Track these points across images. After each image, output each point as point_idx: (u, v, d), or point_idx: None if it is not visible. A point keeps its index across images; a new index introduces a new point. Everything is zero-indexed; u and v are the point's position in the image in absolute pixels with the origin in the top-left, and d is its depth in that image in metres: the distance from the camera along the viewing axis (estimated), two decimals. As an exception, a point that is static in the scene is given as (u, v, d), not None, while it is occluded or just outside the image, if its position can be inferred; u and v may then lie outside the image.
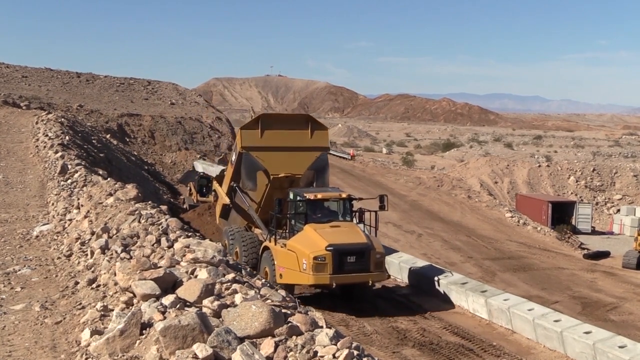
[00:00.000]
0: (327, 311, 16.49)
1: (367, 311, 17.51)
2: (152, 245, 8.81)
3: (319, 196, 18.43)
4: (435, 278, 19.63)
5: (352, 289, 18.34)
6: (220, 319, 5.90)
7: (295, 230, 18.22)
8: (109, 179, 17.41)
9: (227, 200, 21.79)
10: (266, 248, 18.79)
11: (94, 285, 8.18)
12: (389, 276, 19.98)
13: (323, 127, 21.12)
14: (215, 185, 23.64)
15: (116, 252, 8.69)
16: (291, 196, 18.75)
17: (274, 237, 18.39)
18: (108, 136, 47.31)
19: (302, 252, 17.10)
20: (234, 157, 20.91)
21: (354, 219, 18.86)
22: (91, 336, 6.18)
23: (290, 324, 5.87)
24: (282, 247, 17.94)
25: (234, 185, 20.98)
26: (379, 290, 19.62)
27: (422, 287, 20.03)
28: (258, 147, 19.61)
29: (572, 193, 53.15)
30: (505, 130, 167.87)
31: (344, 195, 18.78)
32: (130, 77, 78.00)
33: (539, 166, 57.84)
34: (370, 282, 17.95)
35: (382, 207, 18.93)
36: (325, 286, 17.69)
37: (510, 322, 16.91)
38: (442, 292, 19.21)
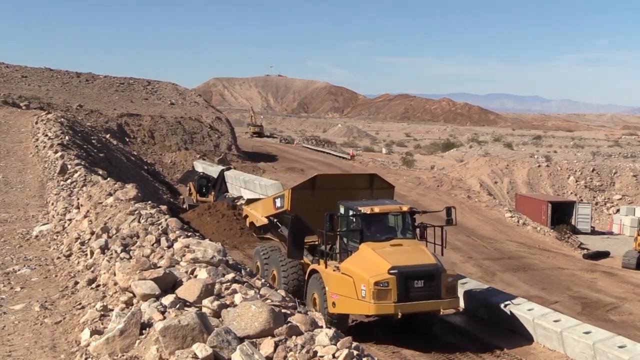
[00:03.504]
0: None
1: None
2: (152, 245, 8.81)
3: (376, 210, 15.86)
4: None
5: (416, 318, 15.74)
6: (220, 319, 5.89)
7: (348, 250, 15.86)
8: (108, 178, 17.41)
9: (265, 222, 19.40)
10: (314, 271, 16.29)
11: (93, 285, 8.17)
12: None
13: (388, 186, 18.81)
14: (245, 209, 21.63)
15: (116, 252, 8.69)
16: (342, 210, 16.21)
17: (324, 259, 15.96)
18: (108, 136, 47.34)
19: (360, 277, 14.67)
20: (278, 204, 18.20)
21: (416, 235, 16.50)
22: (91, 336, 6.18)
23: (290, 323, 5.87)
24: (334, 270, 15.52)
25: (276, 221, 18.83)
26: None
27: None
28: (310, 210, 16.90)
29: (571, 193, 53.14)
30: (505, 131, 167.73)
31: (404, 209, 16.37)
32: (130, 77, 78.13)
33: (539, 166, 57.81)
34: (442, 310, 15.45)
35: (449, 222, 16.45)
36: (389, 316, 15.14)
37: (510, 322, 16.90)
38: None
